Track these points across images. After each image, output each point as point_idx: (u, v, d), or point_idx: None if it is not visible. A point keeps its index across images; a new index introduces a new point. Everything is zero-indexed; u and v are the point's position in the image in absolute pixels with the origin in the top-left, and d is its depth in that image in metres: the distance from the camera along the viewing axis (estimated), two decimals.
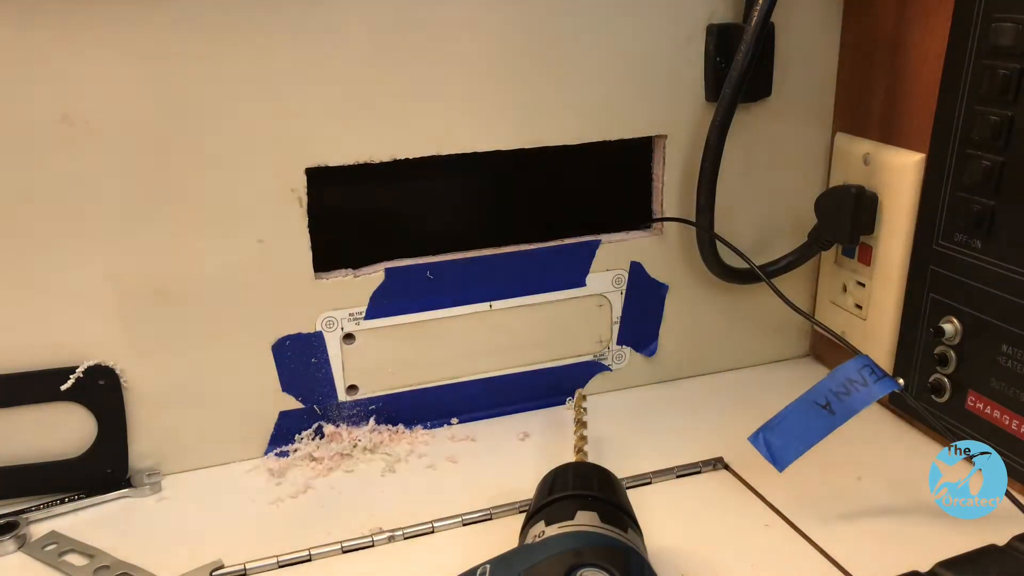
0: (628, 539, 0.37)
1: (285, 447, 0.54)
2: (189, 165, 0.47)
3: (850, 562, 0.43)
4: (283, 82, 0.47)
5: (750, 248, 0.58)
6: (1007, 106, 0.44)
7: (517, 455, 0.54)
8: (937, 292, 0.51)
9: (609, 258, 0.57)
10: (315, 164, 0.49)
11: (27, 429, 0.48)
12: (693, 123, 0.55)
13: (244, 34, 0.46)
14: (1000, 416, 0.48)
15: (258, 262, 0.50)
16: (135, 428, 0.51)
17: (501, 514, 0.48)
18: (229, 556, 0.44)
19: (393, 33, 0.48)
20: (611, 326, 0.59)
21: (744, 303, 0.62)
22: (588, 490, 0.40)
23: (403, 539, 0.46)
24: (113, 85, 0.44)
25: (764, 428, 0.46)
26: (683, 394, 0.61)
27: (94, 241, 0.47)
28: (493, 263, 0.55)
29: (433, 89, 0.50)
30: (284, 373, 0.53)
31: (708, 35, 0.54)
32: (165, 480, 0.52)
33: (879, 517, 0.46)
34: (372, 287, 0.53)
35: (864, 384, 0.44)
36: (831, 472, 0.50)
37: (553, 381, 0.59)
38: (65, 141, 0.44)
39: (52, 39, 0.43)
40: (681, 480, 0.51)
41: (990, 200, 0.46)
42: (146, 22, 0.44)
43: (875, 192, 0.54)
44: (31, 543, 0.46)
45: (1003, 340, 0.47)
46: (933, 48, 0.49)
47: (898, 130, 0.53)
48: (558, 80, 0.52)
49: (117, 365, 0.49)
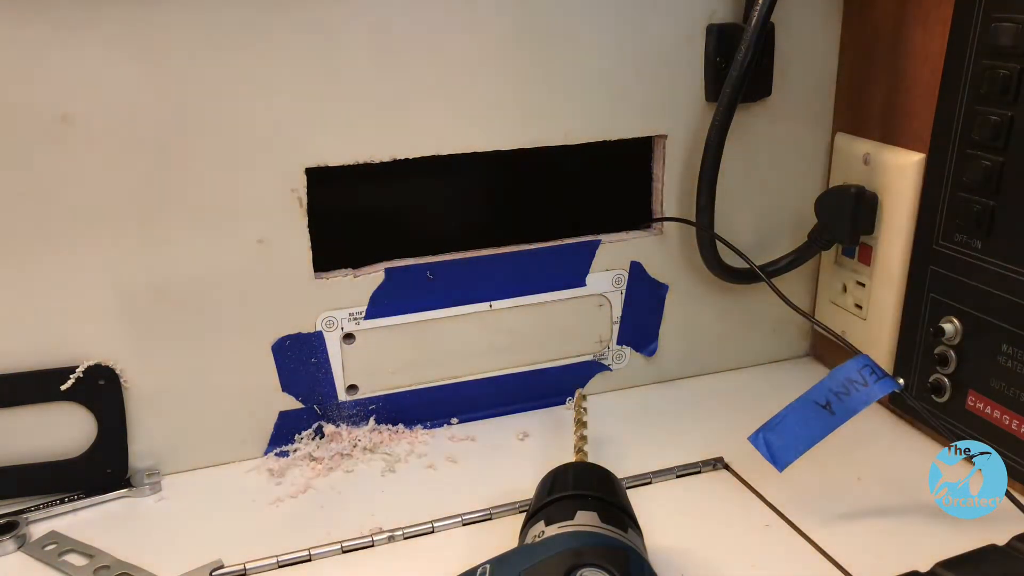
0: (628, 539, 0.37)
1: (285, 447, 0.54)
2: (189, 165, 0.47)
3: (850, 562, 0.43)
4: (283, 82, 0.47)
5: (750, 248, 0.58)
6: (1007, 106, 0.44)
7: (517, 455, 0.54)
8: (937, 292, 0.51)
9: (609, 258, 0.57)
10: (315, 164, 0.49)
11: (27, 429, 0.48)
12: (693, 123, 0.55)
13: (244, 34, 0.46)
14: (1000, 416, 0.48)
15: (258, 262, 0.50)
16: (135, 428, 0.51)
17: (501, 514, 0.48)
18: (229, 556, 0.44)
19: (393, 33, 0.48)
20: (611, 326, 0.59)
21: (744, 303, 0.62)
22: (588, 490, 0.40)
23: (403, 539, 0.46)
24: (113, 85, 0.44)
25: (764, 428, 0.46)
26: (683, 394, 0.61)
27: (94, 241, 0.47)
28: (493, 263, 0.55)
29: (433, 89, 0.50)
30: (284, 373, 0.53)
31: (708, 35, 0.54)
32: (165, 480, 0.52)
33: (879, 517, 0.46)
34: (372, 287, 0.53)
35: (864, 384, 0.44)
36: (831, 472, 0.50)
37: (553, 381, 0.59)
38: (65, 141, 0.44)
39: (52, 39, 0.43)
40: (681, 480, 0.51)
41: (990, 200, 0.46)
42: (146, 22, 0.44)
43: (875, 192, 0.54)
44: (31, 543, 0.46)
45: (1003, 340, 0.47)
46: (933, 48, 0.49)
47: (898, 130, 0.53)
48: (558, 80, 0.52)
49: (117, 365, 0.49)
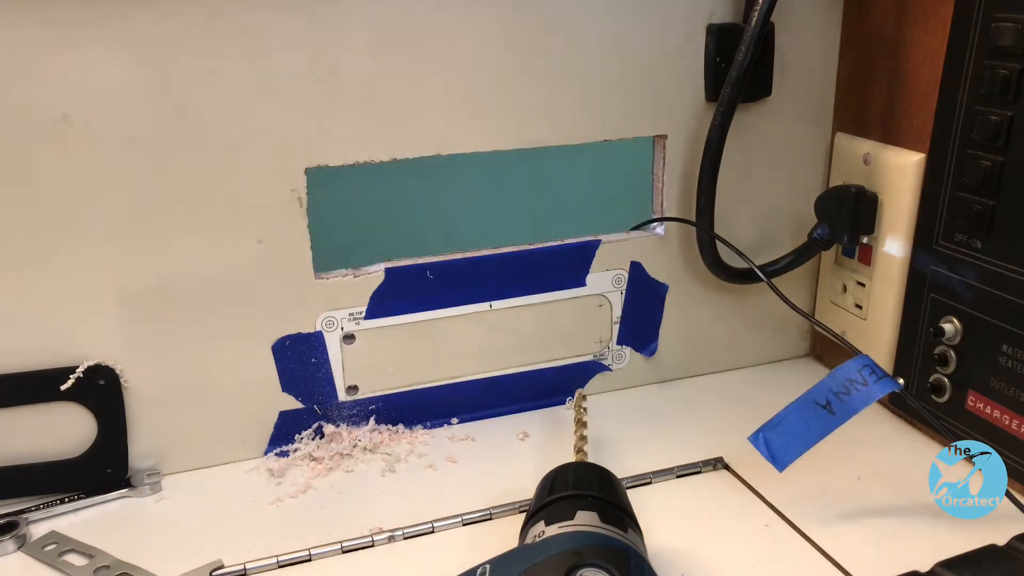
0: (628, 539, 0.37)
1: (285, 447, 0.54)
2: (189, 165, 0.47)
3: (850, 562, 0.43)
4: (283, 82, 0.47)
5: (750, 248, 0.58)
6: (1007, 106, 0.44)
7: (517, 455, 0.54)
8: (937, 292, 0.51)
9: (609, 258, 0.57)
10: (315, 164, 0.49)
11: (27, 429, 0.48)
12: (693, 123, 0.55)
13: (244, 34, 0.46)
14: (1000, 416, 0.47)
15: (258, 262, 0.50)
16: (135, 428, 0.51)
17: (501, 514, 0.48)
18: (229, 556, 0.44)
19: (393, 33, 0.48)
20: (611, 326, 0.59)
21: (744, 303, 0.62)
22: (588, 490, 0.40)
23: (403, 539, 0.46)
24: (113, 85, 0.44)
25: (764, 428, 0.46)
26: (683, 394, 0.61)
27: (94, 241, 0.47)
28: (493, 263, 0.55)
29: (433, 89, 0.50)
30: (284, 373, 0.53)
31: (708, 35, 0.54)
32: (165, 480, 0.52)
33: (879, 517, 0.46)
34: (372, 287, 0.53)
35: (864, 384, 0.44)
36: (831, 472, 0.50)
37: (553, 381, 0.59)
38: (65, 141, 0.44)
39: (52, 39, 0.43)
40: (681, 480, 0.51)
41: (990, 200, 0.46)
42: (146, 23, 0.44)
43: (875, 192, 0.54)
44: (31, 543, 0.46)
45: (1003, 340, 0.47)
46: (933, 48, 0.49)
47: (898, 130, 0.53)
48: (558, 80, 0.52)
49: (117, 365, 0.49)
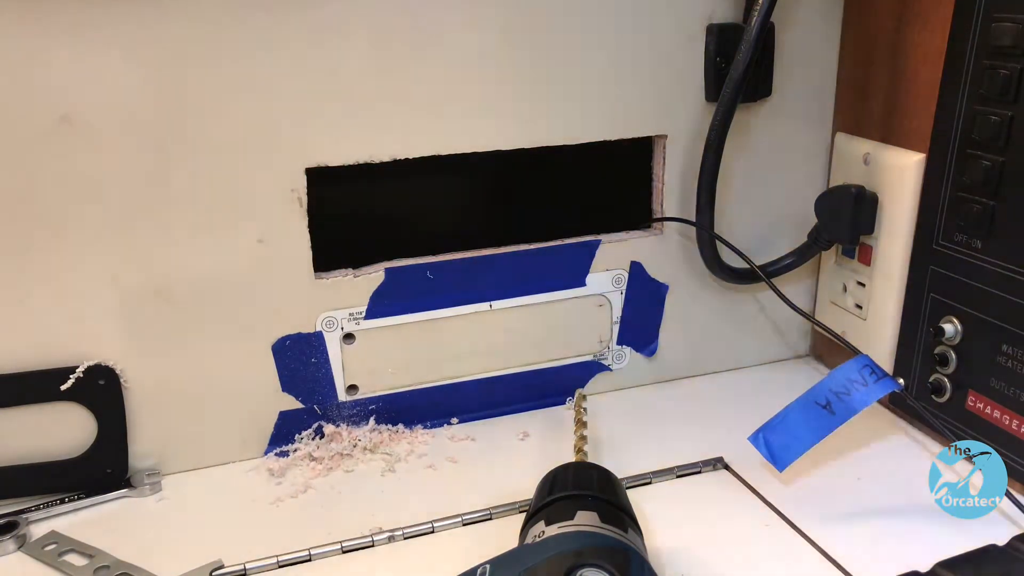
0: (628, 539, 0.37)
1: (285, 447, 0.54)
2: (189, 165, 0.47)
3: (850, 562, 0.43)
4: (283, 82, 0.47)
5: (750, 248, 0.58)
6: (1007, 106, 0.44)
7: (517, 455, 0.54)
8: (937, 292, 0.51)
9: (609, 258, 0.57)
10: (315, 164, 0.49)
11: (27, 429, 0.48)
12: (693, 123, 0.55)
13: (244, 34, 0.46)
14: (1000, 416, 0.48)
15: (258, 262, 0.50)
16: (135, 428, 0.51)
17: (501, 514, 0.48)
18: (229, 556, 0.44)
19: (393, 33, 0.48)
20: (611, 326, 0.59)
21: (744, 303, 0.62)
22: (588, 490, 0.40)
23: (403, 539, 0.46)
24: (113, 85, 0.44)
25: (764, 428, 0.46)
26: (683, 394, 0.61)
27: (94, 241, 0.47)
28: (493, 263, 0.55)
29: (433, 89, 0.50)
30: (284, 373, 0.53)
31: (708, 35, 0.54)
32: (165, 480, 0.52)
33: (879, 517, 0.46)
34: (372, 287, 0.53)
35: (864, 384, 0.44)
36: (831, 472, 0.50)
37: (553, 381, 0.59)
38: (65, 141, 0.44)
39: (52, 39, 0.43)
40: (681, 480, 0.51)
41: (990, 200, 0.46)
42: (146, 23, 0.44)
43: (875, 192, 0.54)
44: (31, 543, 0.46)
45: (1003, 340, 0.47)
46: (933, 48, 0.49)
47: (898, 130, 0.53)
48: (558, 80, 0.52)
49: (117, 365, 0.49)
